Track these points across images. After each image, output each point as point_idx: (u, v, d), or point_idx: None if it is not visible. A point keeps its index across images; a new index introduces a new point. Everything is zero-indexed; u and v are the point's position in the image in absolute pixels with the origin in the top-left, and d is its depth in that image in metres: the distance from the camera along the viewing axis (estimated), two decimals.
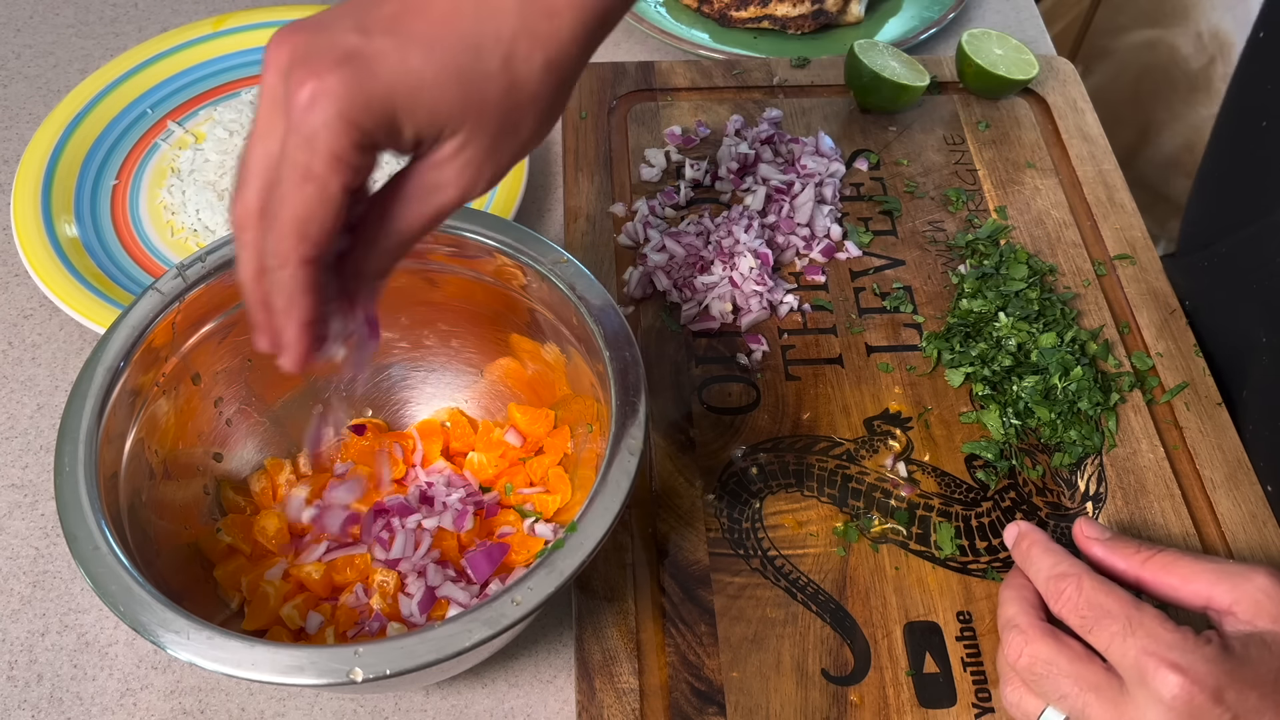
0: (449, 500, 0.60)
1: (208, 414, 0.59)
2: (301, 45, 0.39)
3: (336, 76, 0.38)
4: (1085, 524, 0.53)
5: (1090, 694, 0.47)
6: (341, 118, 0.38)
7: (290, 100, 0.39)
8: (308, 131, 0.39)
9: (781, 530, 0.61)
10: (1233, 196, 0.71)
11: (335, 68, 0.38)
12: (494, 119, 0.41)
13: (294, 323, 0.42)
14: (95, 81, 0.83)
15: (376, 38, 0.39)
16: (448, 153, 0.42)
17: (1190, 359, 0.70)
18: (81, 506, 0.48)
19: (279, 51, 0.40)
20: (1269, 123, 0.65)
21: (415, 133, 0.41)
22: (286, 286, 0.41)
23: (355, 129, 0.39)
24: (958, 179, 0.80)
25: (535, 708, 0.57)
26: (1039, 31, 0.97)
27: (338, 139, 0.39)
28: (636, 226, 0.75)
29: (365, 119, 0.39)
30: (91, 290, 0.69)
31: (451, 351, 0.64)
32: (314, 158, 0.39)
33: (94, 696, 0.57)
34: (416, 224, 0.43)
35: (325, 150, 0.39)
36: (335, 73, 0.38)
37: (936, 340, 0.70)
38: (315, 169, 0.39)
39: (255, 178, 0.41)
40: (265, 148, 0.40)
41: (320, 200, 0.39)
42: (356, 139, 0.39)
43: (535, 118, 0.43)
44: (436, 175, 0.42)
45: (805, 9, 0.93)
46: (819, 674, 0.56)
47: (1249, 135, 0.68)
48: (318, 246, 0.40)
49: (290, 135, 0.39)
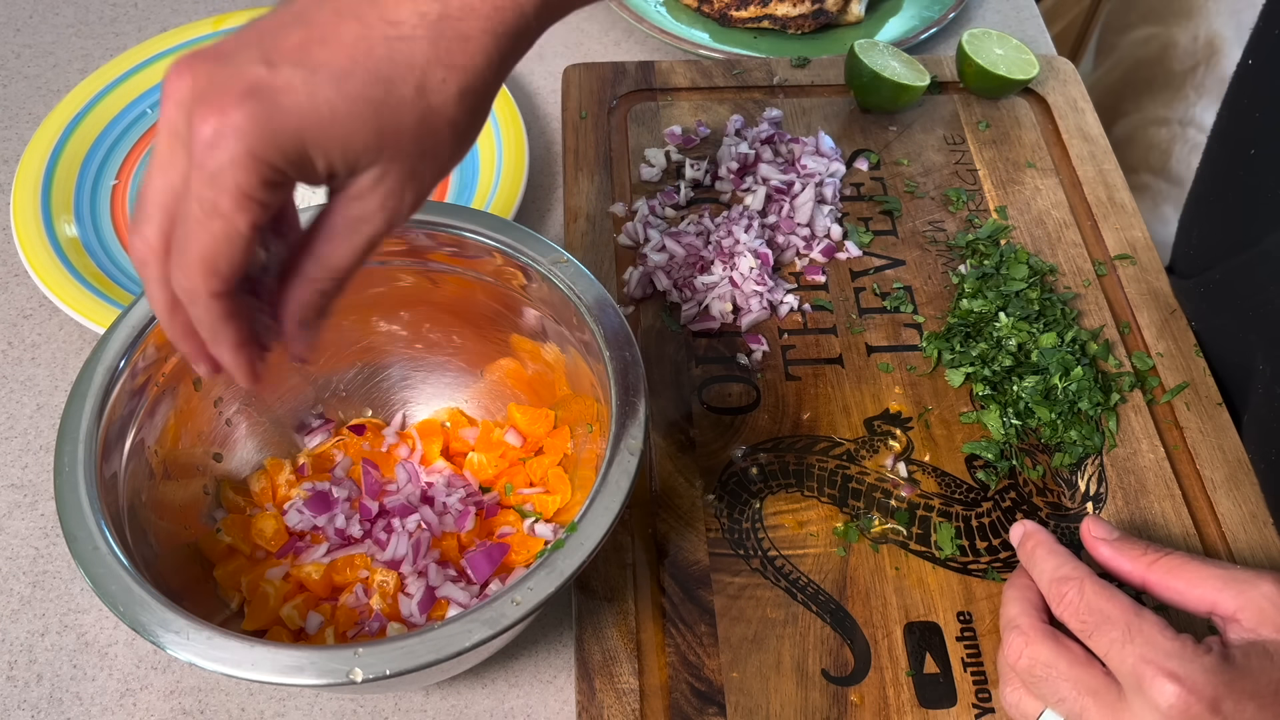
0: (449, 500, 0.60)
1: (208, 414, 0.59)
2: (203, 77, 0.38)
3: (242, 112, 0.37)
4: (1093, 523, 0.53)
5: (1088, 698, 0.46)
6: (249, 155, 0.37)
7: (193, 136, 0.37)
8: (213, 168, 0.37)
9: (781, 530, 0.61)
10: (1224, 223, 0.71)
11: (240, 103, 0.37)
12: (410, 148, 0.40)
13: (227, 349, 0.42)
14: (95, 81, 0.83)
15: (283, 69, 0.38)
16: (366, 184, 0.40)
17: (1190, 359, 0.70)
18: (81, 506, 0.48)
19: (179, 83, 0.38)
20: (1257, 150, 0.65)
21: (327, 166, 0.39)
22: (205, 320, 0.40)
23: (264, 166, 0.37)
24: (958, 179, 0.80)
25: (535, 708, 0.57)
26: (1039, 31, 0.97)
27: (245, 177, 0.37)
28: (636, 226, 0.75)
29: (274, 155, 0.37)
30: (91, 290, 0.69)
31: (451, 351, 0.64)
32: (220, 195, 0.37)
33: (94, 697, 0.57)
34: (346, 258, 0.42)
35: (232, 188, 0.37)
36: (240, 108, 0.37)
37: (937, 340, 0.70)
38: (222, 207, 0.37)
39: (156, 212, 0.39)
40: (166, 181, 0.39)
41: (227, 238, 0.38)
42: (265, 176, 0.37)
43: (452, 142, 0.42)
44: (359, 208, 0.41)
45: (805, 9, 0.93)
46: (819, 674, 0.56)
47: (1238, 163, 0.68)
48: (226, 281, 0.39)
49: (195, 171, 0.37)
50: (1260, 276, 0.64)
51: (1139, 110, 1.31)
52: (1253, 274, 0.65)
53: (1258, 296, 0.65)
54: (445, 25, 0.40)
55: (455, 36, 0.40)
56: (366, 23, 0.39)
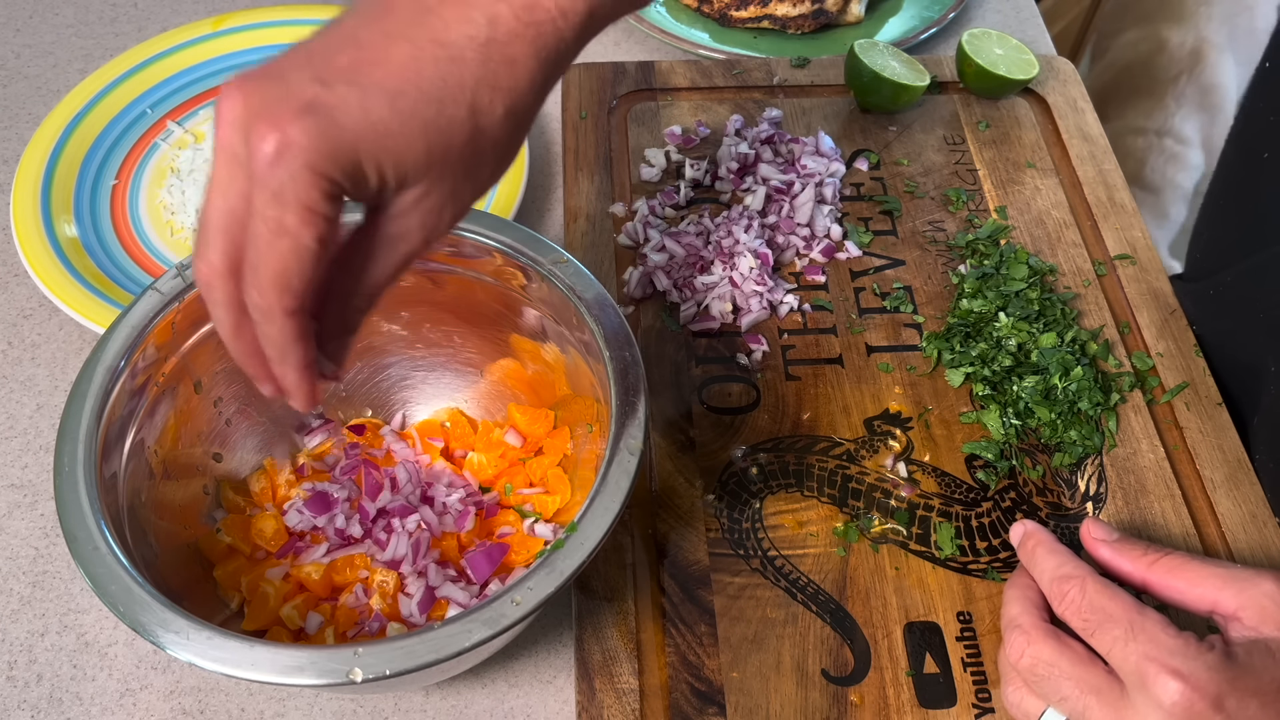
0: (449, 500, 0.60)
1: (208, 414, 0.59)
2: (257, 96, 0.38)
3: (300, 127, 0.37)
4: (1093, 524, 0.53)
5: (1091, 696, 0.46)
6: (309, 169, 0.38)
7: (253, 154, 0.38)
8: (275, 186, 0.38)
9: (781, 530, 0.61)
10: (1237, 226, 0.71)
11: (297, 118, 0.37)
12: (457, 167, 0.41)
13: (293, 369, 0.42)
14: (95, 81, 0.83)
15: (337, 87, 0.38)
16: (409, 201, 0.41)
17: (1190, 359, 0.70)
18: (81, 506, 0.48)
19: (232, 104, 0.39)
20: (1270, 154, 0.65)
21: (379, 181, 0.40)
22: (277, 339, 0.41)
23: (324, 179, 0.38)
24: (958, 179, 0.80)
25: (535, 708, 0.57)
26: (1039, 31, 0.97)
27: (307, 191, 0.38)
28: (636, 226, 0.75)
29: (332, 169, 0.38)
30: (91, 290, 0.69)
31: (451, 351, 0.64)
32: (285, 213, 0.38)
33: (94, 697, 0.57)
34: (383, 275, 0.43)
35: (296, 203, 0.38)
36: (298, 123, 0.37)
37: (937, 340, 0.70)
38: (288, 224, 0.38)
39: (218, 235, 0.40)
40: (226, 203, 0.39)
41: (296, 254, 0.39)
42: (326, 189, 0.38)
43: (494, 162, 0.43)
44: (399, 225, 0.42)
45: (805, 9, 0.93)
46: (819, 674, 0.56)
47: (1253, 165, 0.68)
48: (299, 298, 0.40)
49: (258, 190, 0.38)
50: (1272, 279, 0.64)
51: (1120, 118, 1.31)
52: (1265, 277, 0.65)
53: (1269, 299, 0.65)
54: (492, 49, 0.41)
55: (502, 60, 0.41)
56: (417, 45, 0.40)
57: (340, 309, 0.43)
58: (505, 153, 0.43)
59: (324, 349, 0.44)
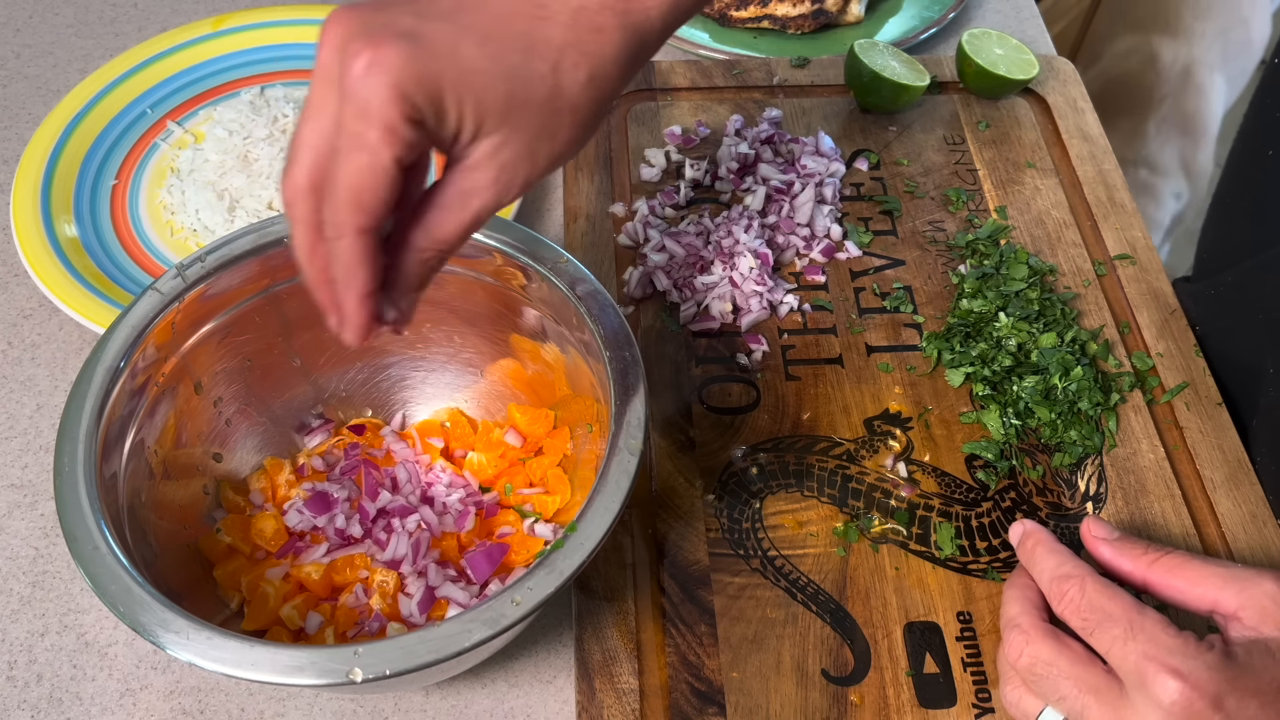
0: (449, 500, 0.60)
1: (208, 414, 0.59)
2: (358, 22, 0.40)
3: (393, 48, 0.39)
4: (1093, 523, 0.53)
5: (1090, 696, 0.46)
6: (394, 88, 0.39)
7: (345, 72, 0.40)
8: (361, 101, 0.39)
9: (781, 530, 0.61)
10: (1241, 225, 0.71)
11: (392, 41, 0.39)
12: (534, 121, 0.43)
13: (353, 294, 0.43)
14: (95, 81, 0.83)
15: (434, 22, 0.41)
16: (484, 153, 0.43)
17: (1190, 359, 0.70)
18: (81, 506, 0.48)
19: (335, 29, 0.41)
20: (1275, 152, 0.65)
21: (458, 121, 0.41)
22: (344, 258, 0.42)
23: (406, 101, 0.40)
24: (958, 179, 0.80)
25: (535, 708, 0.57)
26: (1039, 31, 0.97)
27: (389, 108, 0.39)
28: (636, 226, 0.75)
29: (416, 93, 0.40)
30: (91, 290, 0.69)
31: (451, 351, 0.64)
32: (368, 128, 0.40)
33: (94, 697, 0.57)
34: (453, 230, 0.44)
35: (378, 119, 0.40)
36: (392, 45, 0.39)
37: (937, 340, 0.70)
38: (369, 139, 0.40)
39: (305, 153, 0.42)
40: (316, 124, 0.41)
41: (373, 170, 0.40)
42: (407, 111, 0.40)
43: (572, 126, 0.44)
44: (472, 179, 0.43)
45: (805, 9, 0.93)
46: (819, 674, 0.56)
47: (1257, 164, 0.68)
48: (372, 216, 0.41)
49: (345, 105, 0.40)
50: (1273, 280, 0.64)
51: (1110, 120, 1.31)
52: (1265, 276, 0.65)
53: (1270, 300, 0.65)
54: (583, 15, 0.43)
55: (590, 26, 0.43)
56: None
57: (410, 260, 0.44)
58: (584, 121, 0.44)
59: (393, 302, 0.45)
